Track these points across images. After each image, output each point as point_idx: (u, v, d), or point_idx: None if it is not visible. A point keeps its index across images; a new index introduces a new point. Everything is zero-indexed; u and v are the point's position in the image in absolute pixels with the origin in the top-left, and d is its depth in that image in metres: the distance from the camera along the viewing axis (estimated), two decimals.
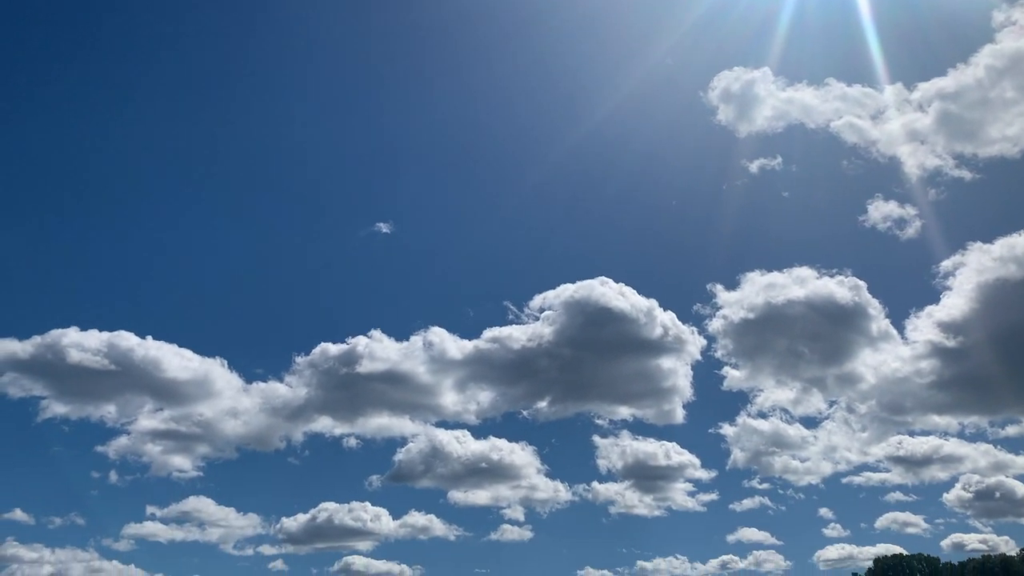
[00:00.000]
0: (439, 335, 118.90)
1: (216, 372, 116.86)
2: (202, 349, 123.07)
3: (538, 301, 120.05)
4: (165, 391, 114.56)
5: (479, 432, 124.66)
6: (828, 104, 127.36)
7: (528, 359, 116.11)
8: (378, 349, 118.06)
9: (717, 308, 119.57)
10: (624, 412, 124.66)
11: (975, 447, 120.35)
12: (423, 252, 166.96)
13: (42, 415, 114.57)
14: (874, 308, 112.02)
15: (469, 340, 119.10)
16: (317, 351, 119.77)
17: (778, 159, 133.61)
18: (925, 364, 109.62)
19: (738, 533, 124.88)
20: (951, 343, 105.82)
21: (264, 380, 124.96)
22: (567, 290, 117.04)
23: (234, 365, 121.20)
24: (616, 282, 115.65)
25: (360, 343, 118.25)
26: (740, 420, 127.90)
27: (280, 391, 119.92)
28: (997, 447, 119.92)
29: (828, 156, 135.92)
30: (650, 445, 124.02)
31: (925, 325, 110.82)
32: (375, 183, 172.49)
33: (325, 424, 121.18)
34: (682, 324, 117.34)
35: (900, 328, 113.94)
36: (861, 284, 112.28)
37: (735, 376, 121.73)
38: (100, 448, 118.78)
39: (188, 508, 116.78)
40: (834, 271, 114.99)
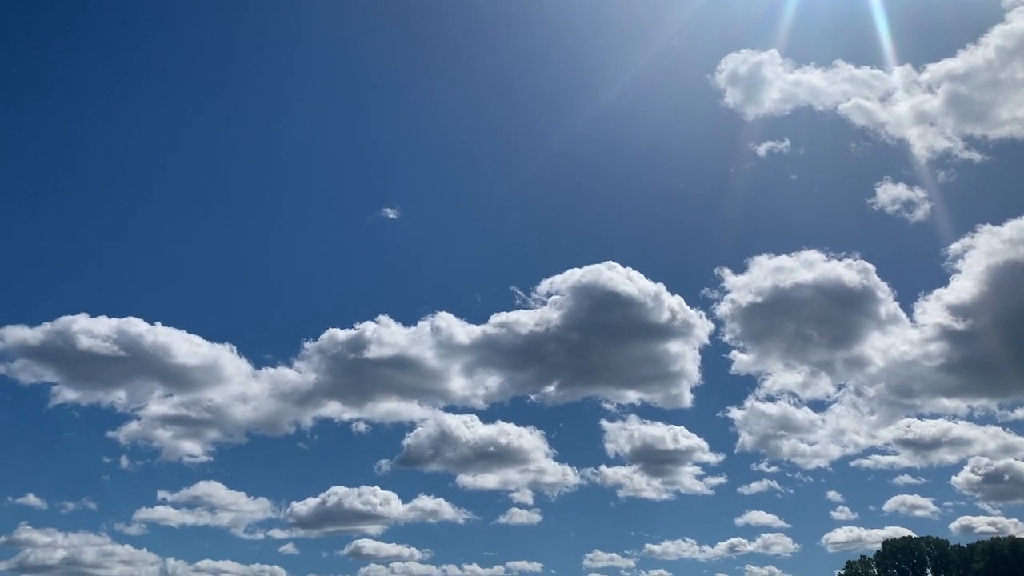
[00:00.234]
0: (446, 320, 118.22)
1: (225, 358, 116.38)
2: (211, 335, 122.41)
3: (545, 286, 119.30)
4: (175, 377, 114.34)
5: (487, 417, 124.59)
6: (836, 86, 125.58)
7: (535, 344, 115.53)
8: (386, 334, 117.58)
9: (725, 292, 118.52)
10: (632, 396, 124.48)
11: (984, 430, 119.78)
12: (430, 237, 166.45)
13: (53, 401, 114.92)
14: (883, 291, 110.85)
15: (477, 325, 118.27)
16: (325, 337, 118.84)
17: (786, 142, 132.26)
18: (934, 347, 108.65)
19: (746, 516, 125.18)
20: (960, 326, 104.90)
21: (273, 366, 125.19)
22: (574, 275, 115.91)
23: (243, 351, 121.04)
24: (623, 266, 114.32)
25: (368, 328, 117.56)
26: (748, 404, 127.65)
27: (289, 376, 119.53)
28: (1006, 430, 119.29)
29: (836, 139, 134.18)
30: (658, 429, 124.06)
31: (934, 308, 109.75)
32: (381, 169, 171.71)
33: (334, 409, 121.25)
34: (690, 308, 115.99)
35: (909, 311, 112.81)
36: (870, 267, 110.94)
37: (743, 360, 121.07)
38: (111, 433, 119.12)
39: (199, 493, 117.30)
40: (842, 254, 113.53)
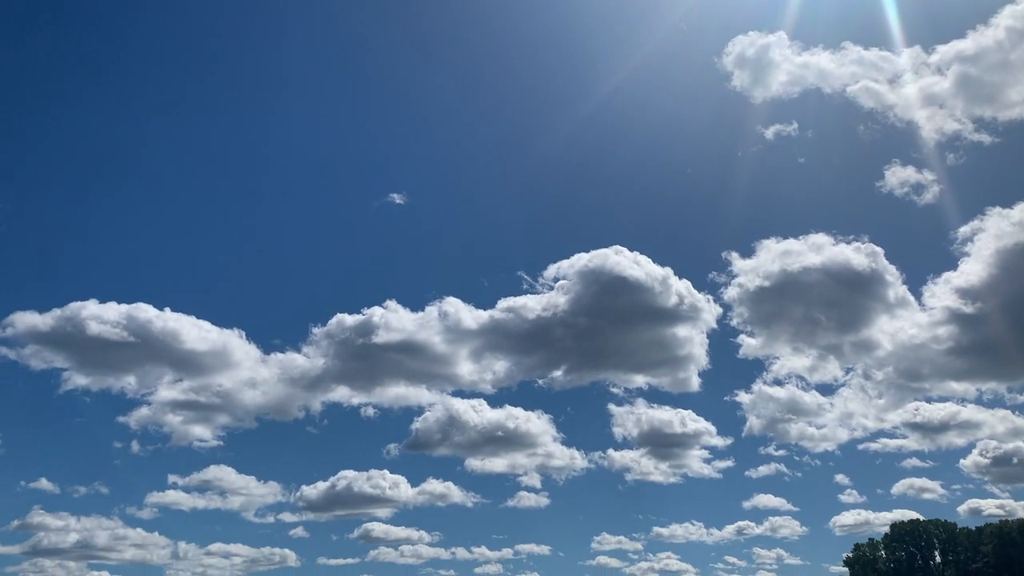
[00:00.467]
0: (454, 305, 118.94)
1: (234, 343, 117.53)
2: (220, 320, 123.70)
3: (552, 270, 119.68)
4: (184, 362, 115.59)
5: (495, 401, 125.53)
6: (844, 68, 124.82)
7: (543, 328, 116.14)
8: (394, 319, 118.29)
9: (732, 276, 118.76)
10: (639, 380, 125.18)
11: (992, 413, 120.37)
12: (437, 222, 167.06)
13: (64, 386, 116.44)
14: (891, 274, 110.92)
15: (484, 310, 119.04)
16: (333, 322, 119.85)
17: (794, 125, 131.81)
18: (942, 330, 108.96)
19: (754, 499, 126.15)
20: (969, 309, 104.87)
21: (282, 351, 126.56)
22: (581, 259, 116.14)
23: (252, 336, 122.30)
24: (631, 251, 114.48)
25: (376, 314, 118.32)
26: (756, 387, 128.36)
27: (298, 361, 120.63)
28: (1015, 413, 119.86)
29: (844, 121, 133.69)
30: (665, 413, 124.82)
31: (943, 291, 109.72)
32: (388, 154, 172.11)
33: (343, 394, 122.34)
34: (697, 292, 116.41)
35: (917, 294, 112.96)
36: (878, 250, 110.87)
37: (751, 344, 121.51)
38: (121, 419, 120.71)
39: (209, 477, 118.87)
40: (851, 237, 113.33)
